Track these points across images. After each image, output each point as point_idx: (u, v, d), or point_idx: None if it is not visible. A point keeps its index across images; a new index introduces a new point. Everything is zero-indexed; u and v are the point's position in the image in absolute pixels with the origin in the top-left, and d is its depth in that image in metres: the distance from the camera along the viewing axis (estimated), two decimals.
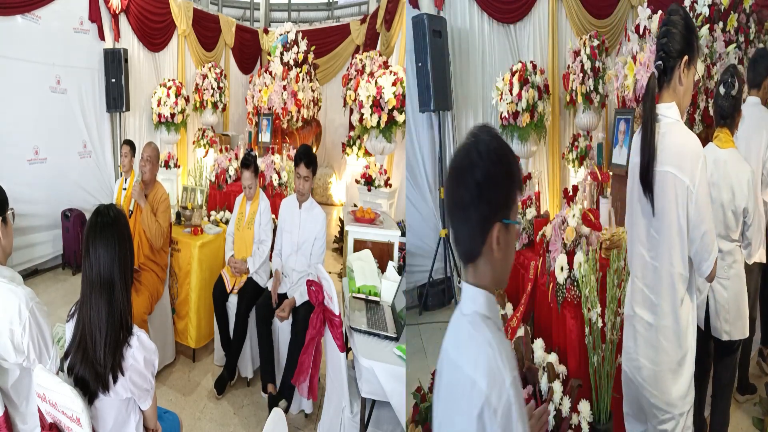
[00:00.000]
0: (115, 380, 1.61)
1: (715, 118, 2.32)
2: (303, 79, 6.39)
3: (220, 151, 6.04)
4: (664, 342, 1.65)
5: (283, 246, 3.35)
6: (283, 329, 3.21)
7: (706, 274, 1.63)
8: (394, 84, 4.67)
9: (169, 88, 6.52)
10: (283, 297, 3.24)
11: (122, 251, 1.65)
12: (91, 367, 1.61)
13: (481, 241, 1.02)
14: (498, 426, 0.93)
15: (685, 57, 1.63)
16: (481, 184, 0.99)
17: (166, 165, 6.29)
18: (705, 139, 2.51)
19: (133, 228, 3.38)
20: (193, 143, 7.14)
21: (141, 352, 1.65)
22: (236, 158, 5.41)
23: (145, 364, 1.66)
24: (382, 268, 3.24)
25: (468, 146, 1.02)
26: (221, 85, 7.24)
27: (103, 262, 1.61)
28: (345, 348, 2.48)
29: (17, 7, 4.87)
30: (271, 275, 3.47)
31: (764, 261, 2.41)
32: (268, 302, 3.23)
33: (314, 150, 8.17)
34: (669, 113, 1.64)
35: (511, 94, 4.52)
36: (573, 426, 2.09)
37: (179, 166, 6.54)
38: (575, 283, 2.37)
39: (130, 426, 1.74)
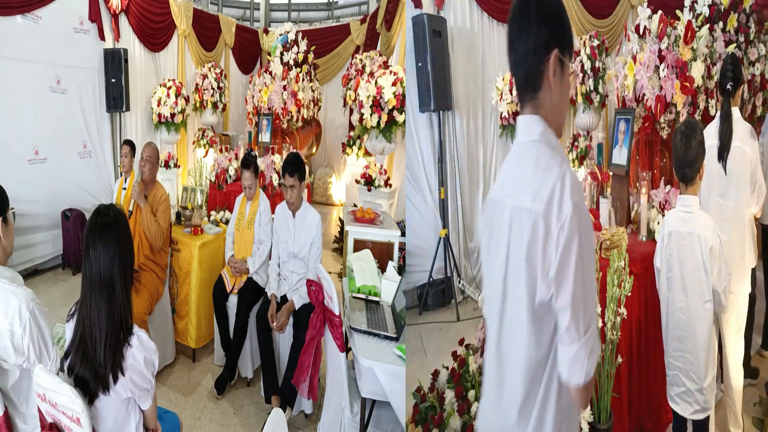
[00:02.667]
0: (115, 380, 1.61)
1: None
2: (303, 79, 6.39)
3: (220, 151, 6.04)
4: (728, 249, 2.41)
5: (280, 254, 3.32)
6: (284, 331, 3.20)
7: (758, 210, 2.64)
8: (394, 84, 4.67)
9: (169, 88, 6.52)
10: (284, 299, 3.23)
11: (122, 251, 1.65)
12: (91, 367, 1.61)
13: (698, 167, 2.11)
14: None
15: (744, 86, 2.78)
16: (701, 142, 2.10)
17: (166, 165, 6.28)
18: None
19: (133, 228, 3.38)
20: (193, 143, 7.14)
21: (141, 351, 1.65)
22: (236, 158, 5.41)
23: (145, 363, 1.66)
24: (382, 268, 3.23)
25: (689, 127, 2.12)
26: (221, 85, 7.24)
27: (103, 262, 1.61)
28: (345, 348, 2.48)
29: (17, 7, 4.87)
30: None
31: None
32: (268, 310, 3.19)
33: (314, 150, 8.26)
34: (736, 113, 2.61)
35: (511, 94, 4.52)
36: None
37: (179, 166, 6.54)
38: None
39: (130, 426, 1.74)
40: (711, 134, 2.55)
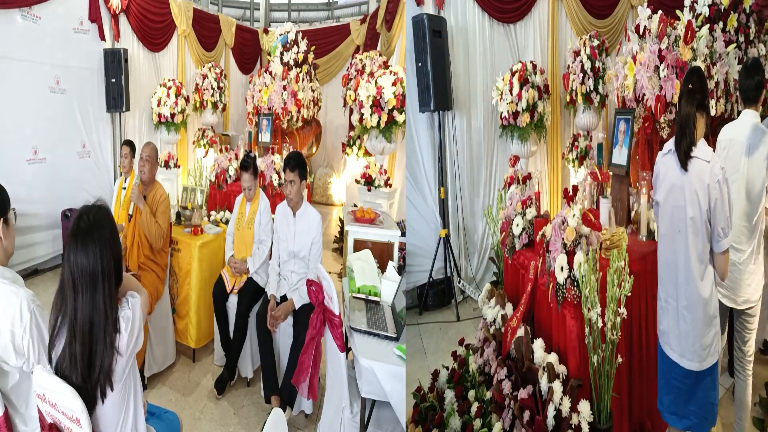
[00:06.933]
0: (104, 396, 1.59)
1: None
2: (303, 79, 6.38)
3: (220, 151, 6.03)
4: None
5: (280, 253, 3.32)
6: (283, 331, 3.21)
7: None
8: (394, 84, 4.67)
9: (169, 88, 6.52)
10: (283, 299, 3.23)
11: (105, 255, 1.57)
12: (84, 388, 1.58)
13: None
14: None
15: None
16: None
17: (166, 165, 6.29)
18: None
19: (133, 229, 3.38)
20: (193, 143, 7.14)
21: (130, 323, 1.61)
22: (236, 158, 5.40)
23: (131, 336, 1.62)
24: (382, 268, 3.24)
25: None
26: (221, 85, 7.24)
27: (84, 268, 1.54)
28: (345, 348, 2.48)
29: (17, 5, 4.87)
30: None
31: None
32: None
33: (314, 150, 8.26)
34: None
35: (511, 94, 4.52)
36: (573, 426, 2.09)
37: (179, 166, 6.54)
38: (575, 283, 2.37)
39: (128, 424, 1.73)
40: None
